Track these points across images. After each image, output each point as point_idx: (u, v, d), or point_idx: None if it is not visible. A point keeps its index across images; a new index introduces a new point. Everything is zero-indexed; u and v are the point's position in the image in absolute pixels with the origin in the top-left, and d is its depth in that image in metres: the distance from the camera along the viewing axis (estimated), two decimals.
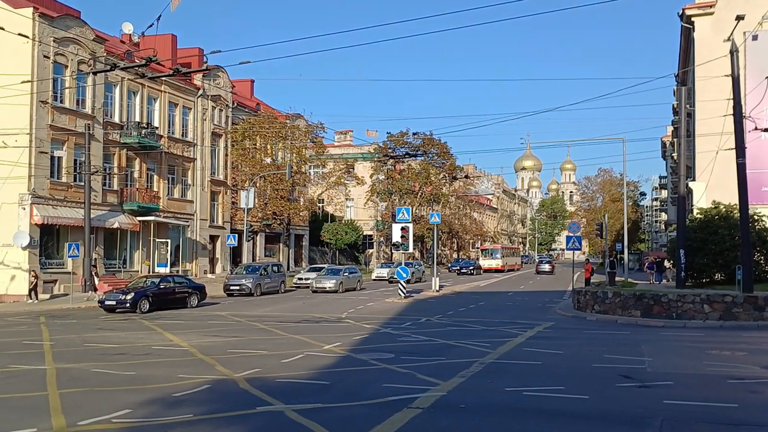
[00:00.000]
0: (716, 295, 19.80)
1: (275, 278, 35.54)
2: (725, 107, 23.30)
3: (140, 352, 14.40)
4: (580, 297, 23.76)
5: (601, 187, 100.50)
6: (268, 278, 34.70)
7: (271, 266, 37.09)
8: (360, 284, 37.96)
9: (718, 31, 29.51)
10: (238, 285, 32.98)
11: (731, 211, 27.09)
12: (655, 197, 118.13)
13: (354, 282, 37.16)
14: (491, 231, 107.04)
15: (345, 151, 68.06)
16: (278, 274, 36.39)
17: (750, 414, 8.51)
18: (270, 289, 34.51)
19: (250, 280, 33.20)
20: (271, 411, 8.78)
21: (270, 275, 35.24)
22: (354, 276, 37.84)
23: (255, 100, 54.70)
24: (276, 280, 35.44)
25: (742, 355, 13.28)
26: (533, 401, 9.28)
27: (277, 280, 35.56)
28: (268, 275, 35.07)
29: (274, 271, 36.40)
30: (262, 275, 34.36)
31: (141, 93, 39.03)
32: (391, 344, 15.22)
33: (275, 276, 35.76)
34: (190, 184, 43.51)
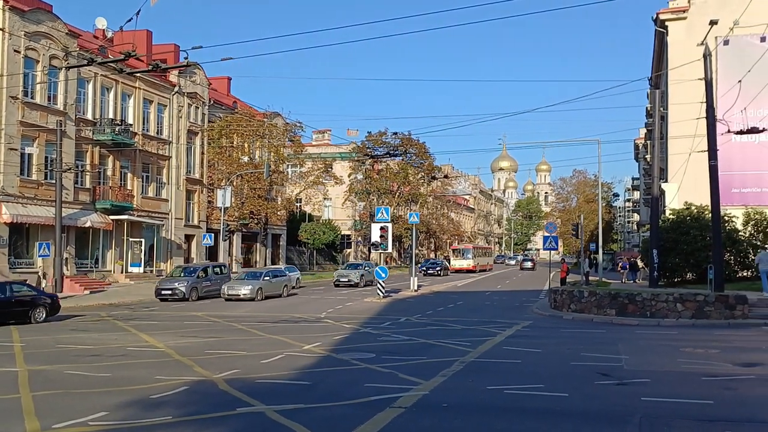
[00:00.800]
0: (689, 294, 20.17)
1: (216, 281, 31.86)
2: (698, 110, 23.79)
3: (115, 353, 14.20)
4: (556, 296, 24.00)
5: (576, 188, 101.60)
6: (207, 281, 31.29)
7: (213, 267, 33.61)
8: (287, 290, 32.40)
9: (691, 35, 30.07)
10: (170, 289, 29.69)
11: (703, 212, 27.63)
12: (628, 198, 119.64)
13: (278, 287, 31.72)
14: (468, 231, 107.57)
15: (323, 151, 67.86)
16: (221, 276, 32.80)
17: (725, 410, 8.69)
18: (210, 293, 30.87)
19: (184, 283, 29.96)
20: (252, 412, 8.72)
21: (210, 278, 31.80)
22: (279, 280, 32.37)
23: (232, 98, 54.26)
24: (218, 283, 31.49)
25: (715, 352, 13.52)
26: (515, 400, 9.37)
27: (219, 282, 31.58)
28: (208, 278, 31.66)
29: (217, 272, 32.87)
30: (200, 278, 31.03)
31: (115, 89, 38.48)
32: (372, 344, 15.22)
33: (217, 278, 32.16)
34: (165, 182, 43.00)
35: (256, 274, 32.62)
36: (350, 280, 39.26)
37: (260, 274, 32.35)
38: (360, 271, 40.48)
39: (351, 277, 39.58)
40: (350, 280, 39.26)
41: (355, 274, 39.92)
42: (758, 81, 28.48)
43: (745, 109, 25.47)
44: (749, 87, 27.35)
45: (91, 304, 27.44)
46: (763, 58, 28.74)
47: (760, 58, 28.30)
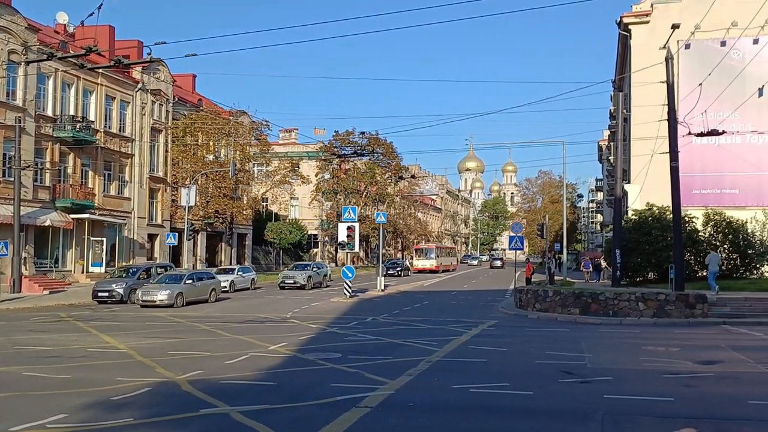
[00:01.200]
0: (650, 294, 20.60)
1: None
2: (660, 113, 24.25)
3: (75, 354, 13.88)
4: (521, 296, 24.27)
5: (541, 189, 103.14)
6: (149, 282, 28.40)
7: (157, 267, 31.37)
8: (216, 294, 29.11)
9: (654, 39, 30.66)
10: (107, 291, 27.66)
11: (664, 212, 28.19)
12: (592, 199, 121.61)
13: (204, 291, 28.27)
14: (435, 231, 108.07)
15: (290, 150, 67.40)
16: None
17: (686, 407, 8.85)
18: (198, 298, 28.09)
19: (122, 285, 27.77)
20: (216, 413, 8.60)
21: (154, 278, 29.12)
22: (205, 284, 28.81)
23: (197, 96, 53.55)
24: None
25: (675, 350, 13.80)
26: (480, 398, 9.42)
27: None
28: (151, 278, 29.12)
29: (161, 273, 30.07)
30: (140, 279, 28.70)
31: (76, 85, 37.66)
32: (338, 344, 15.17)
33: None
34: (128, 180, 42.24)
35: (176, 277, 28.46)
36: (296, 281, 36.52)
37: (181, 276, 28.29)
38: (307, 272, 38.09)
39: (297, 278, 36.77)
40: (296, 281, 36.52)
41: (302, 275, 37.19)
42: (718, 84, 29.16)
43: (706, 112, 26.07)
44: (709, 90, 28.02)
45: (51, 304, 26.80)
46: (723, 61, 29.49)
47: (720, 61, 29.01)
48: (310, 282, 36.87)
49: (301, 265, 41.16)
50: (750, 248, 28.66)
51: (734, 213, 29.93)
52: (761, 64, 30.85)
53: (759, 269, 28.60)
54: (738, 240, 28.58)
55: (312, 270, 38.69)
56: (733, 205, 32.60)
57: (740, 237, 28.53)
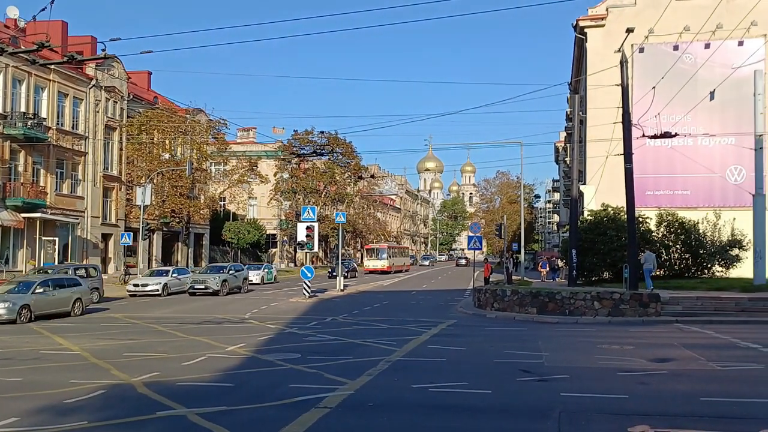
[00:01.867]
0: (605, 293, 20.96)
1: None
2: (614, 115, 24.73)
3: (27, 356, 13.52)
4: (480, 295, 24.46)
5: (499, 189, 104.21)
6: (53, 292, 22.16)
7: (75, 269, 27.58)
8: (83, 304, 23.32)
9: (609, 42, 31.29)
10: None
11: (619, 213, 28.70)
12: (549, 200, 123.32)
13: (65, 302, 22.53)
14: (395, 231, 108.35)
15: (248, 149, 66.77)
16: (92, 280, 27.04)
17: (640, 404, 9.01)
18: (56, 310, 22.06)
19: None
20: (173, 415, 8.46)
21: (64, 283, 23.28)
22: (69, 291, 22.86)
23: (153, 93, 52.58)
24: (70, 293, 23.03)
25: (630, 348, 14.08)
26: (439, 397, 9.46)
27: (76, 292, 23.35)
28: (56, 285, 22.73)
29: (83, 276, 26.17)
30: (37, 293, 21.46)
31: (27, 81, 36.62)
32: (298, 344, 15.07)
33: None
34: (81, 179, 41.24)
35: (27, 284, 22.07)
36: (207, 287, 31.34)
37: (31, 284, 21.92)
38: (222, 275, 32.67)
39: (209, 283, 31.53)
40: (207, 287, 31.34)
41: (215, 279, 31.89)
42: (671, 87, 29.83)
43: (659, 115, 26.67)
44: (663, 93, 28.73)
45: None
46: (676, 65, 30.22)
47: (673, 65, 29.71)
48: (225, 287, 32.04)
49: (216, 268, 35.70)
50: (701, 248, 29.33)
51: (686, 214, 30.63)
52: (712, 68, 31.68)
53: (710, 269, 29.29)
54: (690, 240, 29.24)
55: (228, 273, 33.42)
56: (686, 205, 33.41)
57: (692, 237, 29.18)
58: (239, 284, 34.09)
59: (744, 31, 30.07)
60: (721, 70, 31.75)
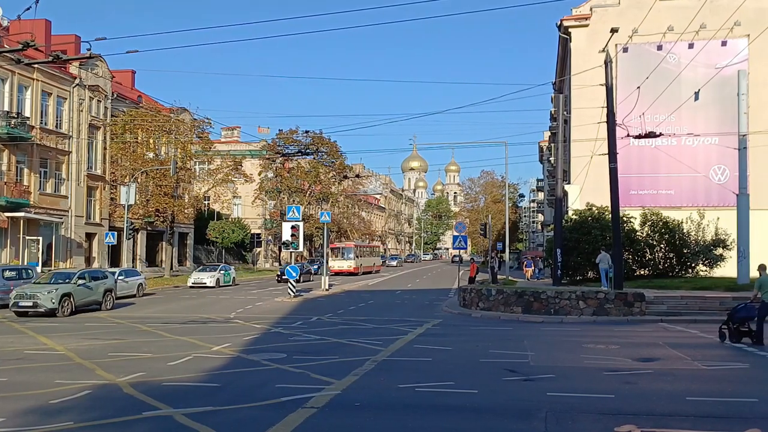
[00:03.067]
0: (590, 292, 21.10)
1: None
2: (599, 115, 24.89)
3: (11, 356, 13.37)
4: (465, 295, 24.53)
5: (484, 189, 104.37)
6: None
7: None
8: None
9: (593, 42, 31.45)
10: None
11: (603, 212, 28.88)
12: (533, 199, 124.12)
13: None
14: (379, 230, 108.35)
15: (233, 148, 66.44)
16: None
17: (626, 403, 9.04)
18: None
19: None
20: (159, 416, 8.42)
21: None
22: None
23: (137, 92, 52.21)
24: None
25: (615, 348, 14.17)
26: (426, 397, 9.47)
27: None
28: None
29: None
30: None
31: (10, 81, 36.25)
32: (283, 344, 15.04)
33: None
34: (65, 178, 40.89)
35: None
36: (37, 304, 27.95)
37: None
38: (65, 286, 23.16)
39: (40, 299, 28.00)
40: (37, 304, 27.95)
41: (49, 294, 27.82)
42: (655, 87, 30.06)
43: (643, 115, 26.84)
44: (647, 93, 28.95)
45: None
46: (660, 65, 30.44)
47: (657, 65, 29.94)
48: (68, 305, 22.33)
49: (62, 275, 24.44)
50: (685, 247, 29.54)
51: (670, 213, 30.85)
52: (696, 68, 31.94)
53: (694, 268, 29.50)
54: (674, 239, 29.44)
55: (78, 283, 23.25)
56: (670, 205, 33.67)
57: (676, 236, 29.38)
58: (97, 299, 24.17)
59: (728, 31, 30.34)
60: (705, 70, 32.04)
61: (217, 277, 38.28)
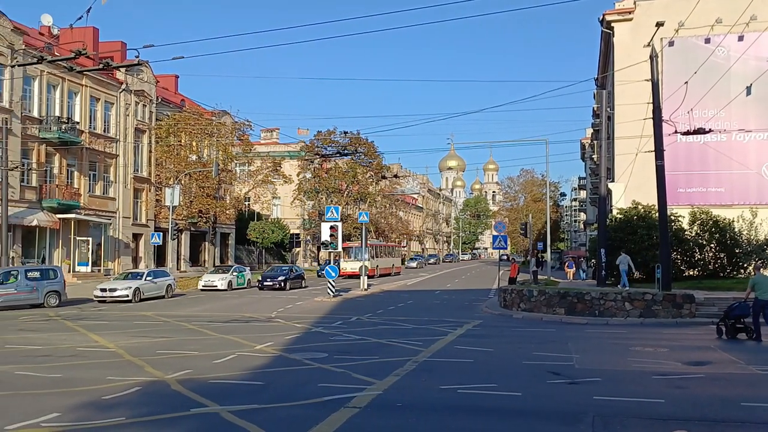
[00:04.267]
0: (637, 293, 20.58)
1: None
2: (644, 111, 24.32)
3: (65, 353, 13.79)
4: (506, 295, 24.24)
5: (523, 188, 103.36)
6: None
7: None
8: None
9: (637, 36, 30.82)
10: None
11: (650, 211, 28.23)
12: (575, 198, 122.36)
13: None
14: (417, 230, 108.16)
15: (272, 149, 67.24)
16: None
17: (677, 409, 8.78)
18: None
19: None
20: (207, 413, 8.56)
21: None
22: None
23: (180, 96, 53.28)
24: None
25: (664, 351, 13.78)
26: (468, 399, 9.38)
27: None
28: None
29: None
30: None
31: (61, 87, 37.48)
32: (324, 343, 15.12)
33: None
34: (113, 180, 42.04)
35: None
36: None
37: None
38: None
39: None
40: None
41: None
42: (704, 82, 29.19)
43: (692, 110, 26.16)
44: (695, 88, 28.12)
45: None
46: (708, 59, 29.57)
47: (706, 60, 29.07)
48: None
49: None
50: (737, 247, 28.66)
51: (721, 212, 29.99)
52: (747, 61, 30.93)
53: (746, 268, 28.53)
54: (725, 239, 28.58)
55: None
56: (720, 203, 32.76)
57: (727, 236, 28.52)
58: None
59: None
60: (756, 63, 31.05)
61: (229, 279, 35.52)
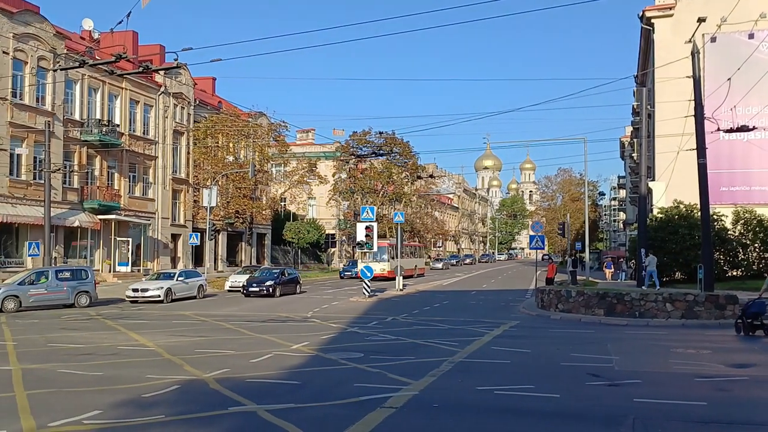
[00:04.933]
0: (678, 294, 20.12)
1: None
2: (685, 108, 23.82)
3: (106, 352, 14.07)
4: (543, 296, 23.95)
5: (561, 187, 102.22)
6: None
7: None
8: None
9: (678, 32, 30.20)
10: None
11: (691, 210, 27.68)
12: (614, 197, 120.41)
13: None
14: (452, 230, 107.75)
15: (307, 150, 67.75)
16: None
17: (720, 412, 8.58)
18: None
19: None
20: (244, 411, 8.64)
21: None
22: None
23: (217, 98, 54.05)
24: None
25: (706, 353, 13.46)
26: (505, 400, 9.29)
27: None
28: None
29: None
30: None
31: (102, 90, 38.32)
32: (360, 343, 15.14)
33: None
34: (152, 182, 42.83)
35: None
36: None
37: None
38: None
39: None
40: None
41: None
42: (747, 78, 28.48)
43: (735, 107, 25.51)
44: (738, 84, 27.43)
45: None
46: (752, 55, 28.80)
47: (750, 56, 28.32)
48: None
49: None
50: None
51: (765, 211, 29.23)
52: None
53: None
54: None
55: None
56: (764, 202, 31.91)
57: None
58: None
59: None
60: None
61: (241, 282, 33.01)
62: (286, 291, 32.10)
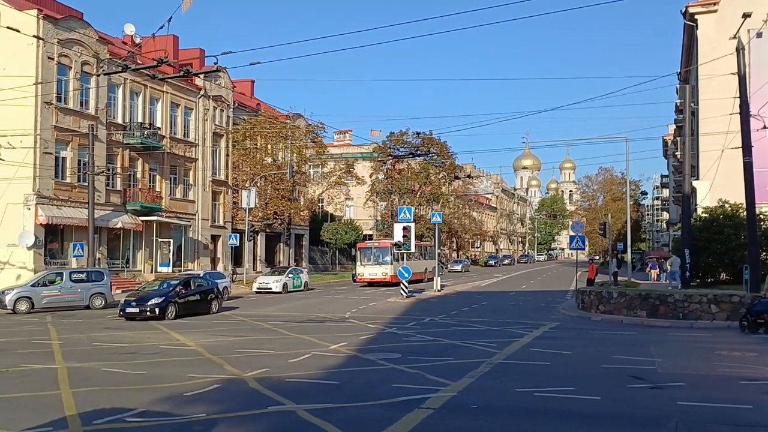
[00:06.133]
0: (723, 296, 19.62)
1: None
2: (729, 105, 23.25)
3: (149, 351, 14.41)
4: (584, 297, 23.64)
5: (602, 186, 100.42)
6: None
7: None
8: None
9: (722, 28, 29.45)
10: None
11: (737, 210, 26.97)
12: (656, 196, 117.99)
13: None
14: (491, 230, 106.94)
15: (345, 151, 68.05)
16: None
17: (766, 415, 8.39)
18: None
19: None
20: (283, 411, 8.75)
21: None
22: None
23: (255, 100, 54.65)
24: None
25: (752, 356, 13.16)
26: (545, 402, 9.20)
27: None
28: None
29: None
30: None
31: (143, 94, 39.06)
32: (397, 344, 15.15)
33: None
34: (192, 184, 43.51)
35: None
36: None
37: None
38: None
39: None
40: None
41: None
42: None
43: None
44: None
45: None
46: None
47: None
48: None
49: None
50: None
51: None
52: None
53: None
54: None
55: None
56: None
57: None
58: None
59: None
60: None
61: (284, 281, 35.26)
62: (186, 311, 22.54)
